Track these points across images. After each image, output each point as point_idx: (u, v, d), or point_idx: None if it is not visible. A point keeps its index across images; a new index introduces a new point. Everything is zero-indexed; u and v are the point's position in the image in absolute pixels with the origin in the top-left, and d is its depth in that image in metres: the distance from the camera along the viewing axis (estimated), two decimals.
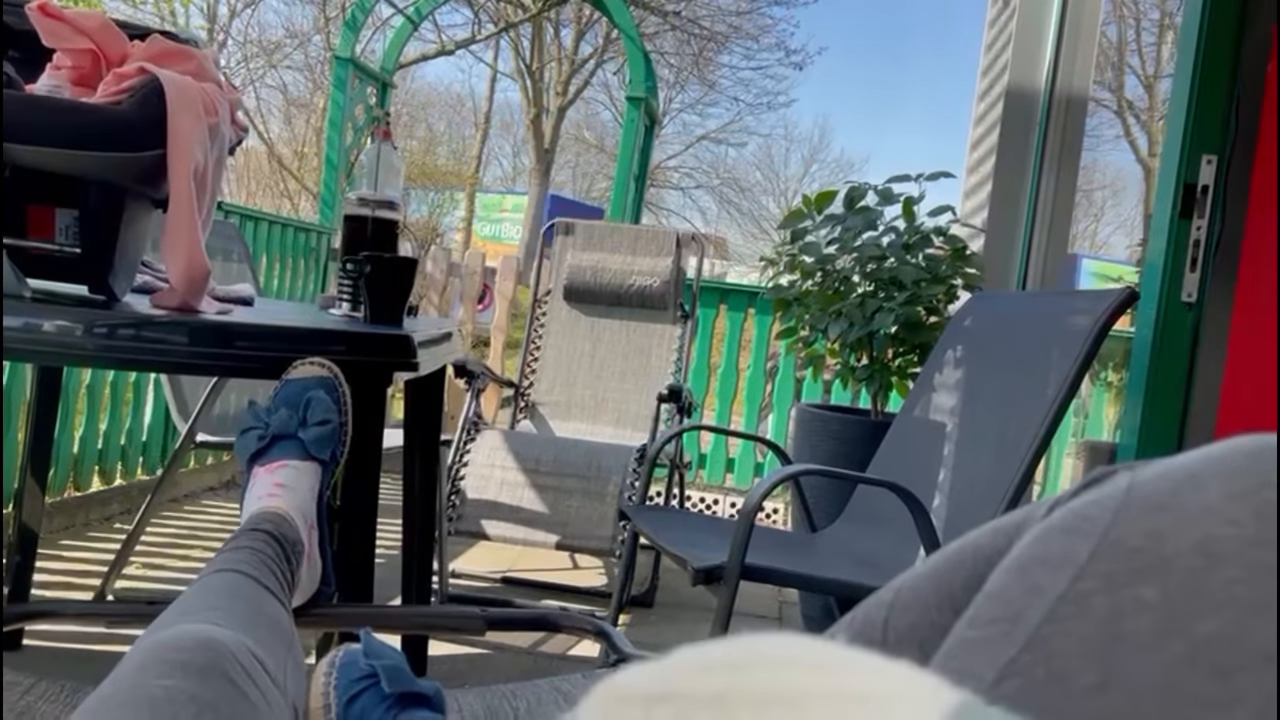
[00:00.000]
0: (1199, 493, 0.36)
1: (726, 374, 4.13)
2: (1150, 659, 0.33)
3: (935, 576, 0.48)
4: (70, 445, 2.94)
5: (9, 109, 1.06)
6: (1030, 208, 3.11)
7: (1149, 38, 16.08)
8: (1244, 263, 1.99)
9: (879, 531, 2.09)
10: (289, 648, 0.80)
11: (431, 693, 0.74)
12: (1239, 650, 0.32)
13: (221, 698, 0.61)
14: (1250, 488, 0.35)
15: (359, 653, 0.77)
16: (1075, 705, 0.33)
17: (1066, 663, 0.35)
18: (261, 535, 0.97)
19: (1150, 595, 0.34)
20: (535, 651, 2.34)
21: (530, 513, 2.67)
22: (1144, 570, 0.35)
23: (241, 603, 0.83)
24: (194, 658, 0.63)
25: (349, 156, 5.02)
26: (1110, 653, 0.34)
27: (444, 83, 22.68)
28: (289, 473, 1.08)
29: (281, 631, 0.83)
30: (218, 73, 1.32)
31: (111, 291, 1.27)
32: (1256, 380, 1.94)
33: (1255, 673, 0.31)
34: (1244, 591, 0.33)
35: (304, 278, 4.28)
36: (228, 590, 0.84)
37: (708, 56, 18.02)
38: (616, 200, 5.56)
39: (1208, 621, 0.32)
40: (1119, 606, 0.34)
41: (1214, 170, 1.98)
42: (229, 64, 13.43)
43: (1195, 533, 0.35)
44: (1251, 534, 0.34)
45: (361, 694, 0.73)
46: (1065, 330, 1.83)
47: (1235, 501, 0.35)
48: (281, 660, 0.75)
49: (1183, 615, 0.33)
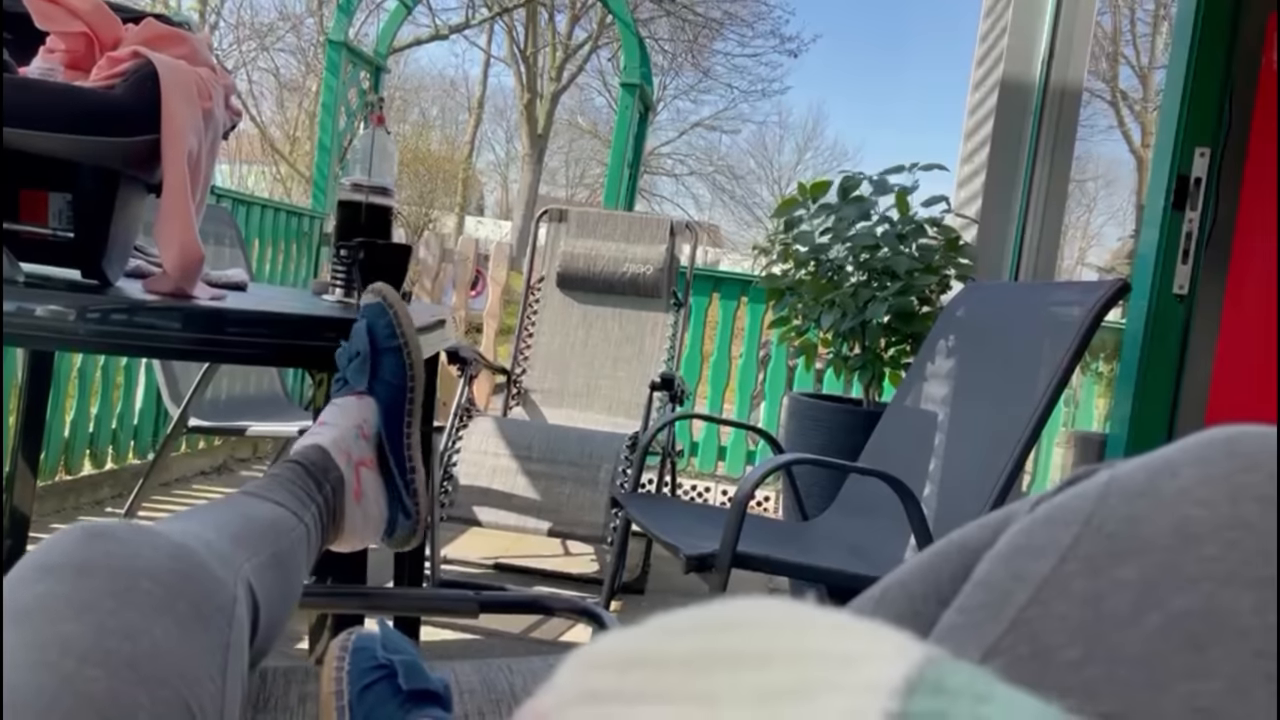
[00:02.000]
0: (1175, 479, 0.37)
1: (719, 362, 4.14)
2: (1129, 633, 0.34)
3: (922, 570, 0.50)
4: (61, 429, 2.94)
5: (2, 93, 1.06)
6: (1024, 198, 3.11)
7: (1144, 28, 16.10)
8: (1236, 255, 2.00)
9: (870, 520, 2.10)
10: (269, 541, 0.77)
11: (441, 689, 0.74)
12: (1214, 624, 0.33)
13: (105, 592, 0.54)
14: (1223, 473, 0.37)
15: (372, 639, 0.76)
16: (1057, 679, 0.35)
17: (1050, 640, 0.36)
18: (284, 464, 0.95)
19: (1129, 574, 0.35)
20: (527, 637, 2.35)
21: (522, 499, 2.67)
22: (1124, 552, 0.36)
23: (212, 509, 0.79)
24: (70, 554, 0.56)
25: (342, 141, 5.00)
26: (1091, 629, 0.35)
27: (437, 67, 22.69)
28: (332, 410, 1.05)
29: (270, 527, 0.80)
30: (211, 57, 1.31)
31: (105, 276, 1.26)
32: (1247, 371, 1.95)
33: (1229, 645, 0.32)
34: (1218, 568, 0.34)
35: (296, 262, 4.27)
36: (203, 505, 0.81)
37: (702, 43, 18.00)
38: (610, 187, 5.55)
39: (1183, 597, 0.34)
40: (1100, 586, 0.36)
41: (1207, 162, 1.98)
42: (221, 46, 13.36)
43: (1172, 516, 0.36)
44: (1225, 515, 0.35)
45: (375, 684, 0.72)
46: (1057, 321, 1.83)
47: (1209, 485, 0.36)
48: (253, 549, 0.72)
49: (1160, 592, 0.34)
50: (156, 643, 0.54)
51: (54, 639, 0.51)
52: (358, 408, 1.05)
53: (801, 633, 0.24)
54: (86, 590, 0.54)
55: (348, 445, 1.01)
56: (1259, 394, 1.92)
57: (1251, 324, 1.96)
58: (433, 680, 0.74)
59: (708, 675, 0.23)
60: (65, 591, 0.53)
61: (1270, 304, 1.90)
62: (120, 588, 0.55)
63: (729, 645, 0.24)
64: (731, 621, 0.25)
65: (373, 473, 1.04)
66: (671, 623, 0.25)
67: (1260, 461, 0.37)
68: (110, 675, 0.50)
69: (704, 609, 0.25)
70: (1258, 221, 1.97)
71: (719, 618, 0.25)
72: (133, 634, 0.53)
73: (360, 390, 1.07)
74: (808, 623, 0.24)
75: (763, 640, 0.24)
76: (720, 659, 0.23)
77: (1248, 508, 0.35)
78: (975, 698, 0.21)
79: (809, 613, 0.24)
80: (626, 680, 0.24)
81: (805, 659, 0.23)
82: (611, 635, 0.26)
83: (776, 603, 0.25)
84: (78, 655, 0.50)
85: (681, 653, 0.24)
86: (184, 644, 0.55)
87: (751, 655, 0.23)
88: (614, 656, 0.25)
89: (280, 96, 15.34)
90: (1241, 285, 1.99)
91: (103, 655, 0.51)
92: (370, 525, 1.04)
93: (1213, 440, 0.38)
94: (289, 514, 0.87)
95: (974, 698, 0.21)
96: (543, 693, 0.27)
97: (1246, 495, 0.36)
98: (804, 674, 0.22)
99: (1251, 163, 1.99)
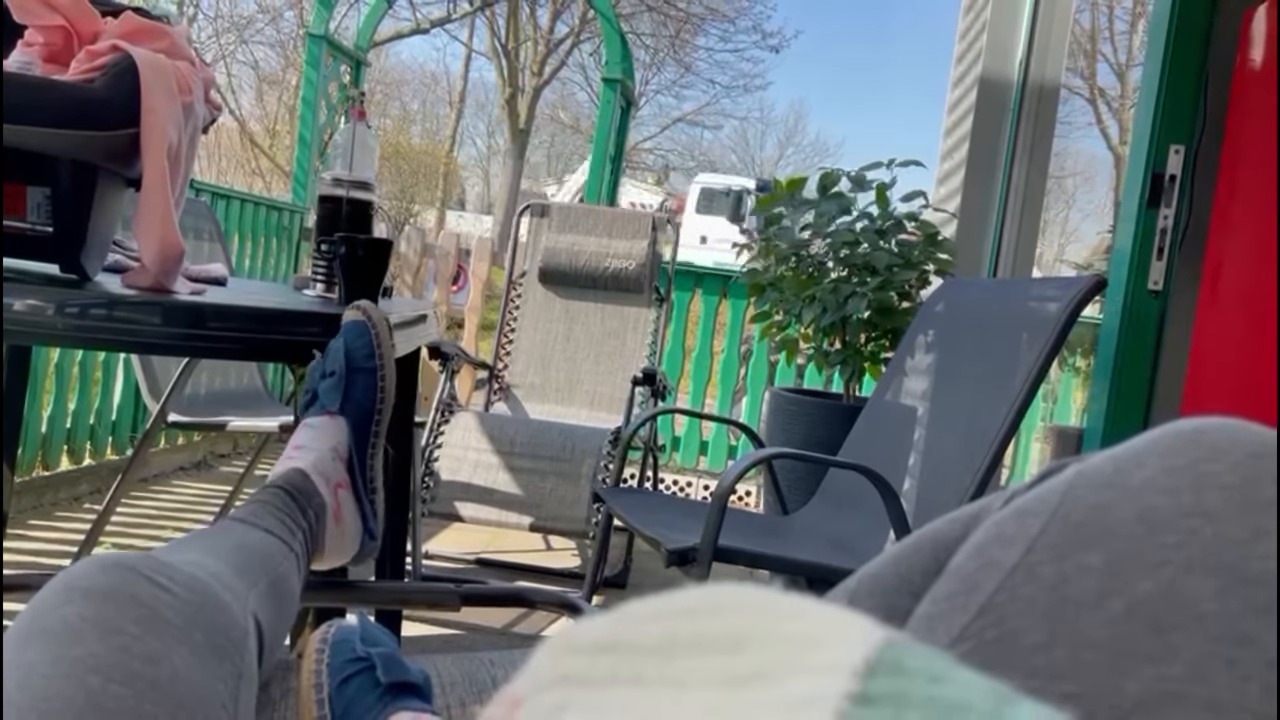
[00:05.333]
0: (1140, 469, 0.38)
1: (701, 357, 4.15)
2: (1093, 616, 0.35)
3: (896, 563, 0.50)
4: (39, 424, 2.92)
5: None
6: (1002, 194, 3.14)
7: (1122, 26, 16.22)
8: (1209, 251, 2.03)
9: (850, 514, 2.11)
10: (266, 570, 0.78)
11: (421, 680, 0.75)
12: (1175, 608, 0.34)
13: (129, 619, 0.56)
14: (1187, 463, 0.38)
15: (351, 631, 0.76)
16: (1022, 661, 0.36)
17: (1016, 624, 0.37)
18: (268, 490, 0.95)
19: (1094, 560, 0.36)
20: (509, 631, 2.36)
21: (504, 494, 2.67)
22: (1089, 540, 0.37)
23: (202, 537, 0.80)
24: (95, 583, 0.58)
25: (323, 135, 4.97)
26: (1056, 613, 0.36)
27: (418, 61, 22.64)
28: (307, 432, 1.05)
29: (260, 556, 0.81)
30: (190, 50, 1.31)
31: (83, 271, 1.26)
32: (1220, 366, 1.98)
33: (1189, 630, 0.33)
34: (1180, 555, 0.35)
35: (276, 257, 4.25)
36: (197, 533, 0.83)
37: (684, 38, 18.01)
38: (592, 182, 5.55)
39: (1145, 582, 0.35)
40: (1065, 572, 0.37)
41: (1181, 160, 2.01)
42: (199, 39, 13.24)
43: (1136, 504, 0.37)
44: (1188, 503, 0.36)
45: (354, 677, 0.73)
46: (1035, 317, 1.85)
47: (1173, 475, 0.37)
48: (255, 579, 0.73)
49: (1123, 577, 0.35)
50: (176, 669, 0.55)
51: (81, 657, 0.52)
52: (332, 429, 1.05)
53: (767, 617, 0.24)
54: (111, 615, 0.56)
55: (326, 468, 1.02)
56: (1233, 389, 1.94)
57: (1225, 319, 1.98)
58: (412, 672, 0.74)
59: (676, 659, 0.24)
60: (91, 614, 0.55)
61: (1244, 299, 1.93)
62: (143, 615, 0.57)
63: (697, 630, 0.24)
64: (699, 607, 0.25)
65: (348, 494, 1.05)
66: (642, 609, 0.26)
67: (1223, 451, 0.37)
68: (136, 695, 0.52)
69: (673, 595, 0.26)
70: (1232, 218, 1.99)
71: (687, 603, 0.25)
72: (155, 659, 0.55)
73: (332, 410, 1.07)
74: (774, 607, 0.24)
75: (730, 625, 0.24)
76: (688, 643, 0.24)
77: (1210, 496, 0.36)
78: (931, 678, 0.21)
79: (775, 598, 0.25)
80: (597, 665, 0.25)
81: (771, 642, 0.23)
82: (584, 622, 0.27)
83: (744, 588, 0.25)
84: (103, 673, 0.52)
85: (651, 638, 0.25)
86: (201, 672, 0.57)
87: (719, 639, 0.24)
88: (585, 642, 0.26)
89: (260, 90, 15.25)
90: (1215, 281, 2.01)
91: (127, 675, 0.53)
92: (346, 545, 1.05)
93: (1179, 431, 0.39)
94: (280, 542, 0.87)
95: (930, 678, 0.21)
96: (517, 679, 0.27)
97: (1209, 484, 0.36)
98: (769, 657, 0.23)
99: (1226, 160, 2.02)
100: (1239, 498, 0.36)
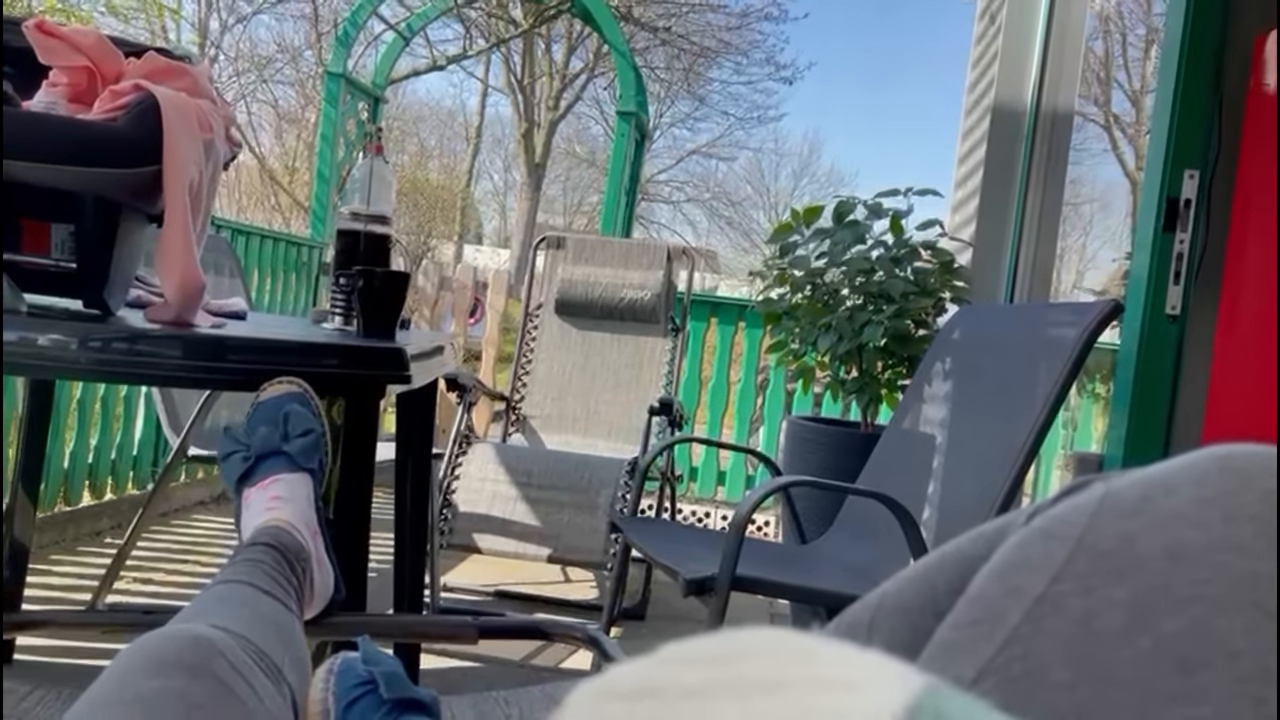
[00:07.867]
0: (1169, 498, 0.37)
1: (717, 387, 4.14)
2: (1120, 654, 0.34)
3: (919, 581, 0.49)
4: (61, 460, 2.94)
5: (6, 125, 1.07)
6: (1017, 221, 3.14)
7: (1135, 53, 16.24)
8: (1227, 275, 2.02)
9: (869, 543, 2.10)
10: (288, 645, 0.81)
11: (428, 699, 0.75)
12: (1204, 646, 0.33)
13: (210, 696, 0.62)
14: (1218, 494, 0.36)
15: (356, 659, 0.77)
16: (1048, 699, 0.35)
17: (1042, 660, 0.36)
18: (260, 547, 0.98)
19: (1121, 595, 0.35)
20: (527, 664, 2.35)
21: (522, 526, 2.67)
22: (1116, 572, 0.36)
23: (235, 605, 0.83)
24: (182, 656, 0.63)
25: (340, 171, 5.03)
26: (1083, 650, 0.35)
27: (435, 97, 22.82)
28: (282, 485, 1.09)
29: (280, 629, 0.83)
30: (211, 89, 1.33)
31: (106, 306, 1.27)
32: (1241, 391, 1.96)
33: (1219, 669, 0.32)
34: (1210, 591, 0.34)
35: (295, 291, 4.28)
36: (221, 597, 0.85)
37: (698, 71, 18.11)
38: (608, 214, 5.58)
39: (1174, 619, 0.34)
40: (1092, 606, 0.36)
41: (1196, 184, 2.00)
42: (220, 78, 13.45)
43: (1165, 536, 0.36)
44: (1219, 537, 0.35)
45: (360, 699, 0.73)
46: (1051, 343, 1.85)
47: (1204, 507, 0.36)
48: (281, 657, 0.76)
49: (1151, 613, 0.34)
50: None
51: None
52: (302, 483, 1.12)
53: (809, 662, 0.24)
54: (197, 692, 0.62)
55: (307, 517, 1.08)
56: (1255, 415, 1.92)
57: (1245, 344, 1.97)
58: (417, 690, 0.75)
59: (716, 703, 0.24)
60: (179, 689, 0.62)
61: (1263, 324, 1.92)
62: (224, 693, 0.63)
63: (738, 674, 0.24)
64: (741, 651, 0.25)
65: (321, 541, 1.10)
66: (681, 652, 0.26)
67: (1254, 481, 0.36)
68: None
69: (713, 638, 0.26)
70: (1248, 242, 1.99)
71: (729, 647, 0.25)
72: None
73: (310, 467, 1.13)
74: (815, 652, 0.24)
75: (771, 669, 0.24)
76: (730, 688, 0.24)
77: (1241, 529, 0.35)
78: None
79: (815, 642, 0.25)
80: (638, 710, 0.25)
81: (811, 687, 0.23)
82: (622, 665, 0.27)
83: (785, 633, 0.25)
84: None
85: (692, 682, 0.25)
86: None
87: (760, 684, 0.24)
88: (625, 686, 0.26)
89: (279, 128, 15.44)
90: (1234, 306, 2.00)
91: None
92: (325, 591, 1.10)
93: (1208, 458, 0.38)
94: (286, 610, 0.91)
95: None
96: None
97: (1240, 516, 0.35)
98: (811, 702, 0.23)
99: (1241, 184, 2.01)
100: (1269, 531, 0.35)
